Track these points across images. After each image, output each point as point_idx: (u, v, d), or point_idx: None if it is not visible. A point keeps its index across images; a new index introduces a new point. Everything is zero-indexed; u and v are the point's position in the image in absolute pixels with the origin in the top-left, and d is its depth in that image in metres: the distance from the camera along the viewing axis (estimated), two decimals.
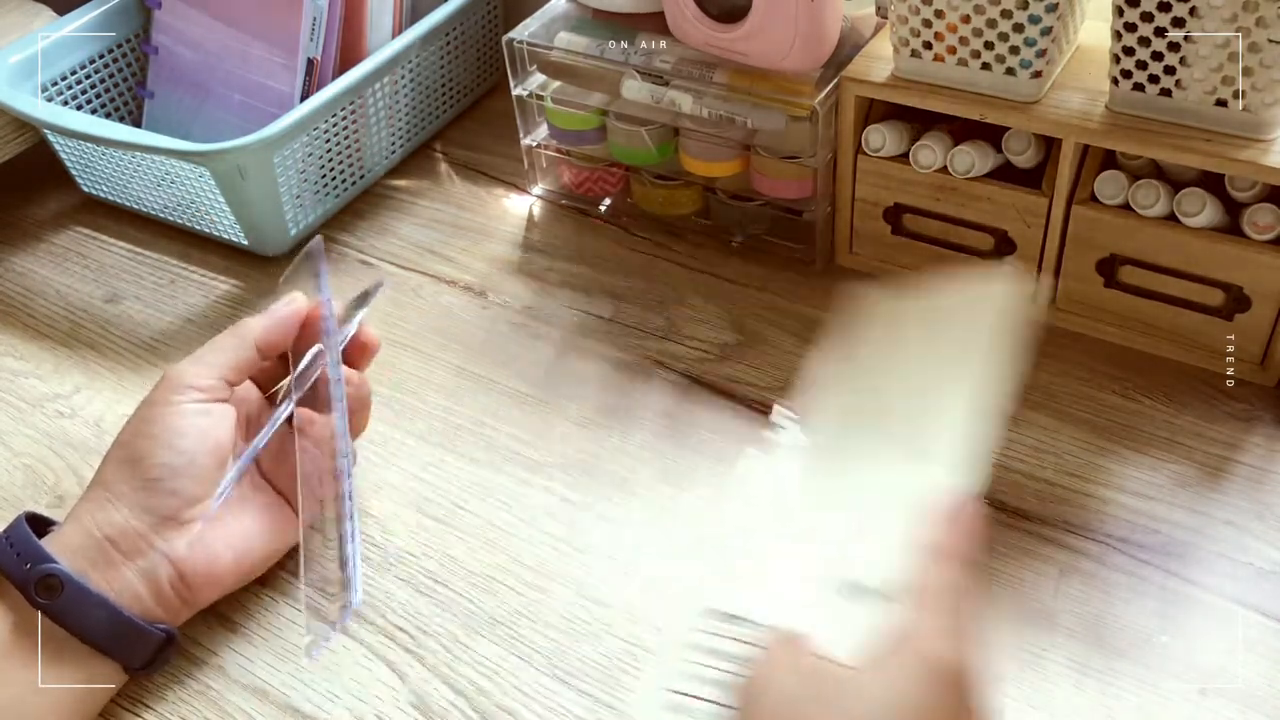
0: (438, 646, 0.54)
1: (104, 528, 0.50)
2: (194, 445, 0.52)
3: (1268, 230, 0.60)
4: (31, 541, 0.49)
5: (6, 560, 0.49)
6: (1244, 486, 0.59)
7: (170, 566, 0.51)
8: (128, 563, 0.50)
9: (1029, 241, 0.67)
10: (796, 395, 0.60)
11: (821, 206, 0.72)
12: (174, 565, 0.51)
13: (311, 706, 0.52)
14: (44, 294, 0.79)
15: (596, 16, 0.75)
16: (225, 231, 0.80)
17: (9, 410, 0.69)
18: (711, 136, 0.72)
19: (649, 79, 0.71)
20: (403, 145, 0.87)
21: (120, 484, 0.51)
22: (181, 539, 0.51)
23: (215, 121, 0.85)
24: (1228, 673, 0.51)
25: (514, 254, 0.79)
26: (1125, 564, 0.55)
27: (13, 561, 0.49)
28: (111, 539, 0.50)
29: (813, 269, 0.74)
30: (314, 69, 0.82)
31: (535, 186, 0.83)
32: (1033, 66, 0.61)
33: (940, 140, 0.67)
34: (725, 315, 0.72)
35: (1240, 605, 0.53)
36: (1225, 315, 0.63)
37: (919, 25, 0.63)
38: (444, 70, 0.88)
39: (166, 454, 0.51)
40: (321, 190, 0.81)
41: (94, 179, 0.84)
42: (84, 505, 0.51)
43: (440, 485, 0.62)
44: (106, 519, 0.50)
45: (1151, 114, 0.60)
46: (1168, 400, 0.63)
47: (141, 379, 0.71)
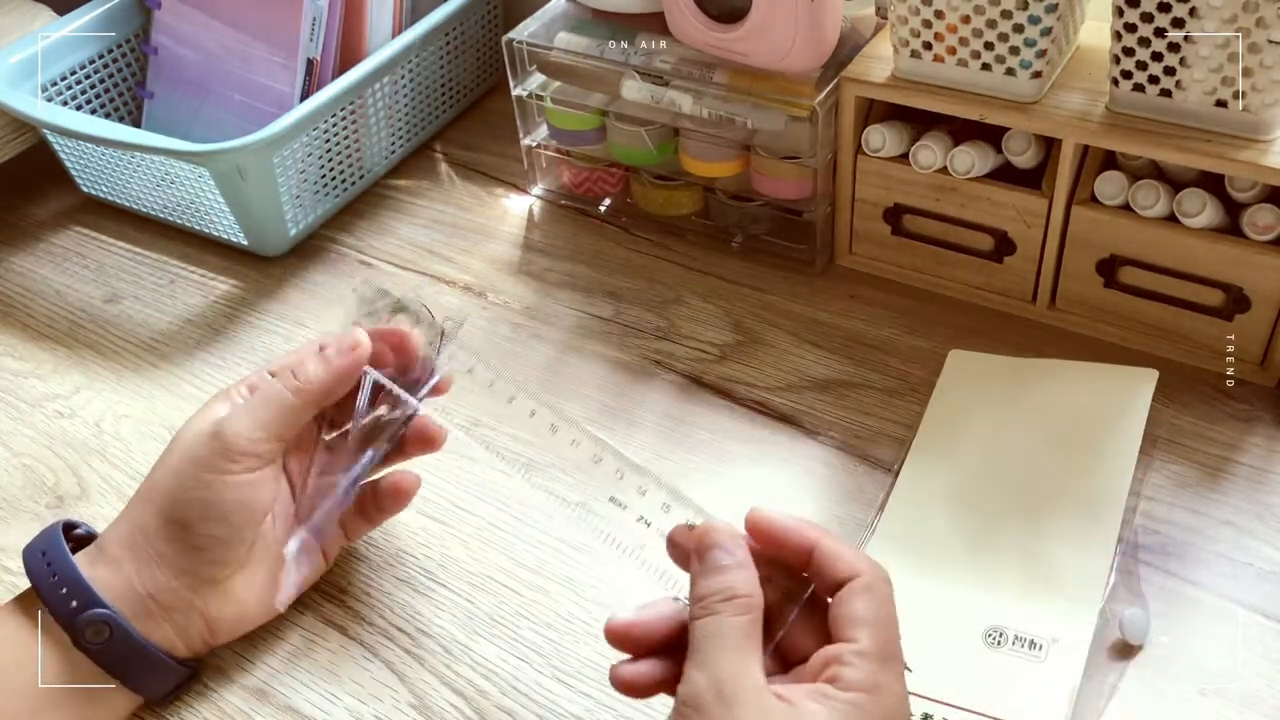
0: (437, 647, 0.54)
1: (147, 584, 0.50)
2: (243, 520, 0.50)
3: (1268, 230, 0.60)
4: (82, 583, 0.49)
5: (52, 597, 0.49)
6: (1244, 487, 0.59)
7: (203, 621, 0.51)
8: (165, 616, 0.50)
9: (1029, 242, 0.67)
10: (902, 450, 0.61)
11: (821, 207, 0.72)
12: (206, 620, 0.51)
13: (311, 707, 0.52)
14: (44, 294, 0.79)
15: (596, 16, 0.75)
16: (225, 231, 0.80)
17: (9, 410, 0.69)
18: (711, 137, 0.72)
19: (649, 79, 0.71)
20: (402, 145, 0.87)
21: (163, 543, 0.50)
22: (216, 598, 0.51)
23: (215, 121, 0.85)
24: (1228, 673, 0.51)
25: (514, 254, 0.79)
26: (1125, 564, 0.55)
27: (59, 598, 0.49)
28: (152, 595, 0.50)
29: (813, 269, 0.74)
30: (314, 69, 0.82)
31: (535, 186, 0.83)
32: (1033, 67, 0.61)
33: (940, 140, 0.67)
34: (725, 315, 0.72)
35: (1240, 605, 0.53)
36: (1225, 316, 0.63)
37: (919, 25, 0.63)
38: (444, 70, 0.88)
39: (216, 527, 0.49)
40: (321, 190, 0.81)
41: (94, 179, 0.84)
42: (127, 552, 0.50)
43: (439, 485, 0.62)
44: (151, 577, 0.50)
45: (1151, 114, 0.60)
46: (1168, 401, 0.63)
47: (141, 379, 0.71)
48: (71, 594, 0.48)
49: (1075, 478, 0.57)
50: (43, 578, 0.49)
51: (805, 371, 0.67)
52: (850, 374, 0.67)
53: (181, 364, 0.72)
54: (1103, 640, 0.52)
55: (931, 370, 0.66)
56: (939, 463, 0.60)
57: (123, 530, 0.51)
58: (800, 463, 0.62)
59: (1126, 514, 0.55)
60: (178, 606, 0.50)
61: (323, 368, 0.51)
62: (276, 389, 0.50)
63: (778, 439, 0.63)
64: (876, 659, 0.40)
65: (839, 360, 0.68)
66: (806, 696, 0.39)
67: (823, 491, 0.60)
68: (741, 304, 0.72)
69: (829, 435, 0.63)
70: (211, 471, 0.49)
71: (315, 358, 0.51)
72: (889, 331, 0.69)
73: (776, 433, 0.64)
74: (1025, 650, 0.50)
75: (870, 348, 0.69)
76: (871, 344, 0.69)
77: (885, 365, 0.67)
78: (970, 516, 0.57)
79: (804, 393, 0.66)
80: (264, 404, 0.50)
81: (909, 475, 0.60)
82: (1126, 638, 0.52)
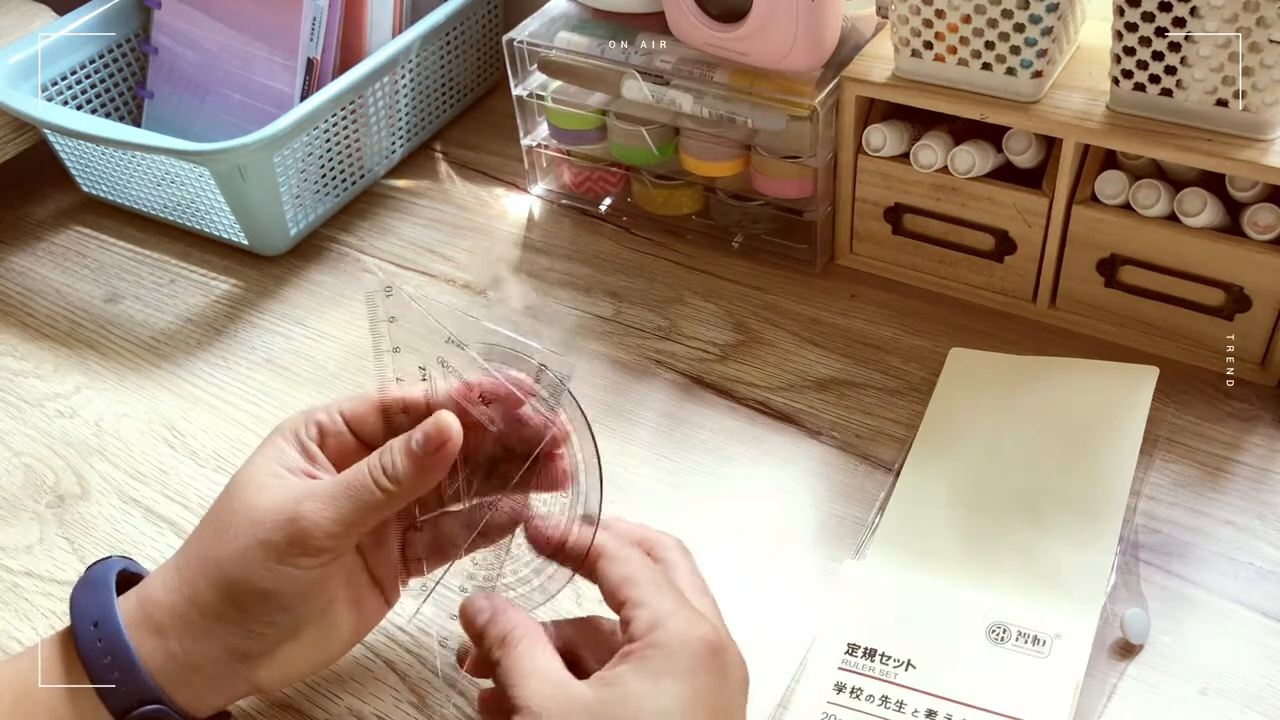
0: (438, 646, 0.54)
1: (192, 657, 0.45)
2: (307, 610, 0.46)
3: (1268, 230, 0.60)
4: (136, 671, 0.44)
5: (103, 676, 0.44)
6: (1244, 486, 0.59)
7: (247, 686, 0.47)
8: (208, 685, 0.46)
9: (1029, 241, 0.67)
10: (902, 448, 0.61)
11: (822, 206, 0.72)
12: (251, 685, 0.47)
13: (311, 706, 0.52)
14: (44, 293, 0.79)
15: (597, 16, 0.75)
16: (225, 231, 0.80)
17: (9, 410, 0.69)
18: (712, 136, 0.72)
19: (649, 79, 0.71)
20: (403, 145, 0.87)
21: (217, 622, 0.45)
22: (264, 667, 0.46)
23: (215, 121, 0.85)
24: (1228, 673, 0.51)
25: (514, 254, 0.79)
26: (1126, 563, 0.55)
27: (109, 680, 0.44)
28: (198, 667, 0.45)
29: (813, 269, 0.74)
30: (314, 69, 0.82)
31: (535, 186, 0.83)
32: (1033, 66, 0.61)
33: (941, 140, 0.67)
34: (726, 315, 0.72)
35: (1240, 605, 0.53)
36: (1226, 315, 0.63)
37: (919, 25, 0.63)
38: (444, 70, 0.88)
39: (279, 615, 0.45)
40: (321, 190, 0.81)
41: (94, 179, 0.84)
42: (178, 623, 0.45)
43: None
44: (198, 650, 0.45)
45: (1152, 114, 0.60)
46: (1168, 400, 0.63)
47: (142, 378, 0.71)
48: (124, 680, 0.44)
49: (1076, 476, 0.57)
50: (93, 653, 0.44)
51: (806, 371, 0.67)
52: (851, 373, 0.67)
53: (182, 363, 0.72)
54: (1103, 640, 0.52)
55: (932, 370, 0.66)
56: (940, 461, 0.60)
57: (176, 599, 0.45)
58: (801, 462, 0.62)
59: (1127, 513, 0.56)
60: (223, 675, 0.46)
61: (413, 467, 0.45)
62: (364, 483, 0.45)
63: (778, 439, 0.63)
64: (652, 599, 0.43)
65: (840, 360, 0.68)
66: (613, 665, 0.42)
67: (823, 491, 0.60)
68: (742, 303, 0.72)
69: (830, 435, 0.63)
70: (283, 562, 0.44)
71: (406, 454, 0.45)
72: (890, 331, 0.69)
73: (777, 432, 0.64)
74: (1029, 646, 0.50)
75: (871, 347, 0.69)
76: (872, 343, 0.69)
77: (886, 365, 0.67)
78: (971, 515, 0.57)
79: (805, 392, 0.66)
80: (349, 496, 0.45)
81: (910, 474, 0.60)
82: (1127, 637, 0.52)
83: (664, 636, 0.42)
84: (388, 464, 0.45)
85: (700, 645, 0.42)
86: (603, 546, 0.46)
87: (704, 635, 0.42)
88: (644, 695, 0.41)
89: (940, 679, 0.50)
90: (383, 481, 0.45)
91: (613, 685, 0.41)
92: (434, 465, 0.45)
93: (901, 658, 0.51)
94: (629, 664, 0.42)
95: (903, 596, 0.53)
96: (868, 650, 0.51)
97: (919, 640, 0.51)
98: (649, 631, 0.42)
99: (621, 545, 0.46)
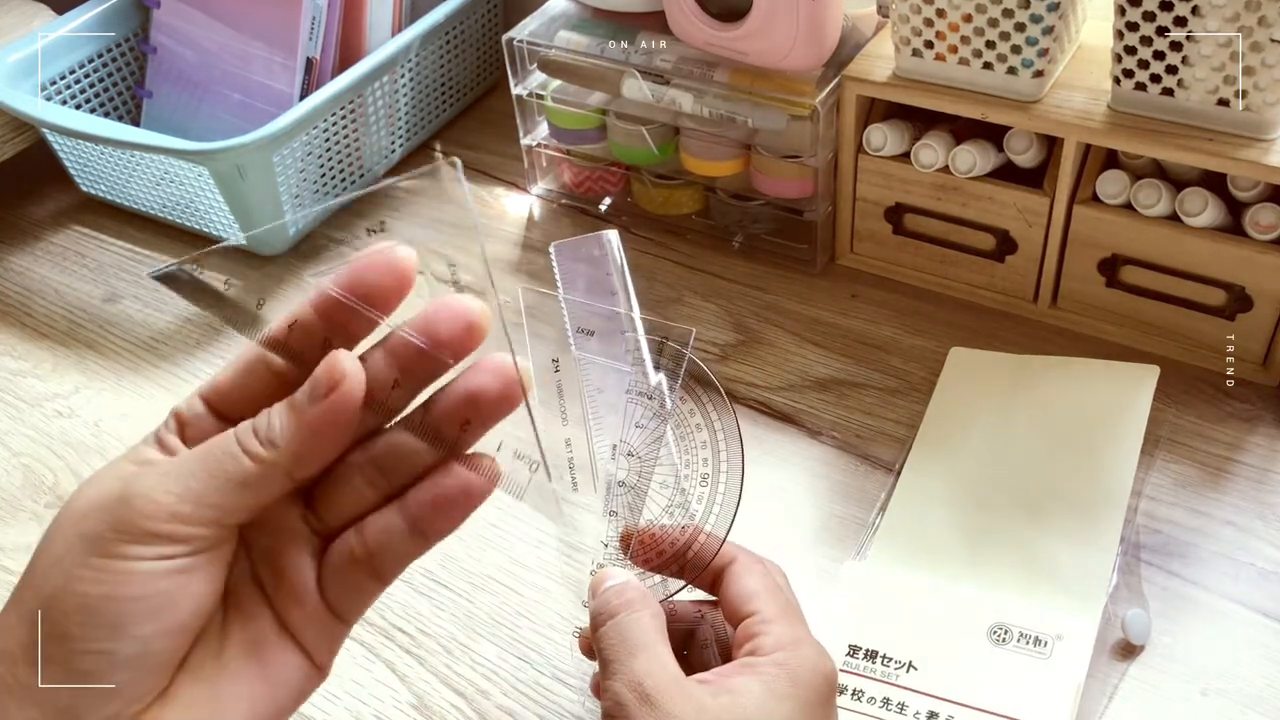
0: (437, 647, 0.54)
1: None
2: (152, 631, 0.32)
3: (1270, 230, 0.60)
4: None
5: None
6: (1245, 487, 0.58)
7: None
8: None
9: (1030, 241, 0.67)
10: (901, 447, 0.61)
11: (822, 206, 0.72)
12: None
13: (311, 706, 0.52)
14: (43, 293, 0.78)
15: (597, 15, 0.74)
16: (225, 231, 0.80)
17: (8, 410, 0.69)
18: (712, 136, 0.72)
19: (649, 78, 0.71)
20: (402, 144, 0.87)
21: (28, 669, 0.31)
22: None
23: (214, 121, 0.85)
24: (1228, 673, 0.51)
25: (514, 254, 0.79)
26: (1126, 563, 0.55)
27: None
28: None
29: (814, 268, 0.74)
30: (313, 68, 0.81)
31: (535, 186, 0.83)
32: (1034, 65, 0.61)
33: (941, 139, 0.67)
34: (726, 315, 0.72)
35: (1241, 605, 0.53)
36: (1227, 315, 0.63)
37: (920, 24, 0.63)
38: (444, 69, 0.88)
39: (108, 640, 0.31)
40: (321, 189, 0.81)
41: (93, 178, 0.84)
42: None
43: None
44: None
45: (1153, 113, 0.60)
46: (1169, 400, 0.63)
47: (141, 378, 0.71)
48: None
49: (1077, 476, 0.57)
50: None
51: (806, 371, 0.67)
52: (851, 373, 0.67)
53: (181, 363, 0.72)
54: (1104, 640, 0.51)
55: (932, 369, 0.65)
56: (940, 461, 0.60)
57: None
58: (801, 462, 0.62)
59: (1128, 513, 0.55)
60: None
61: (296, 422, 0.33)
62: (228, 449, 0.33)
63: (779, 438, 0.63)
64: (782, 619, 0.41)
65: (840, 360, 0.68)
66: (732, 674, 0.39)
67: (824, 491, 0.60)
68: (742, 303, 0.72)
69: (830, 435, 0.63)
70: (108, 554, 0.31)
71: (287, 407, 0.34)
72: (890, 331, 0.69)
73: (777, 432, 0.64)
74: (1030, 647, 0.50)
75: (871, 347, 0.68)
76: (873, 343, 0.69)
77: (886, 364, 0.67)
78: (972, 515, 0.57)
79: (805, 392, 0.66)
80: (204, 467, 0.33)
81: (910, 474, 0.59)
82: (1128, 638, 0.52)
83: (794, 661, 0.40)
84: (261, 425, 0.33)
85: (824, 682, 0.40)
86: (734, 553, 0.43)
87: (829, 671, 0.40)
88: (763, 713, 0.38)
89: (942, 680, 0.50)
90: (252, 446, 0.33)
91: (733, 694, 0.38)
92: (327, 420, 0.33)
93: (903, 659, 0.50)
94: (752, 678, 0.39)
95: (904, 597, 0.53)
96: (869, 652, 0.51)
97: (920, 641, 0.51)
98: (775, 650, 0.40)
99: (750, 557, 0.44)
